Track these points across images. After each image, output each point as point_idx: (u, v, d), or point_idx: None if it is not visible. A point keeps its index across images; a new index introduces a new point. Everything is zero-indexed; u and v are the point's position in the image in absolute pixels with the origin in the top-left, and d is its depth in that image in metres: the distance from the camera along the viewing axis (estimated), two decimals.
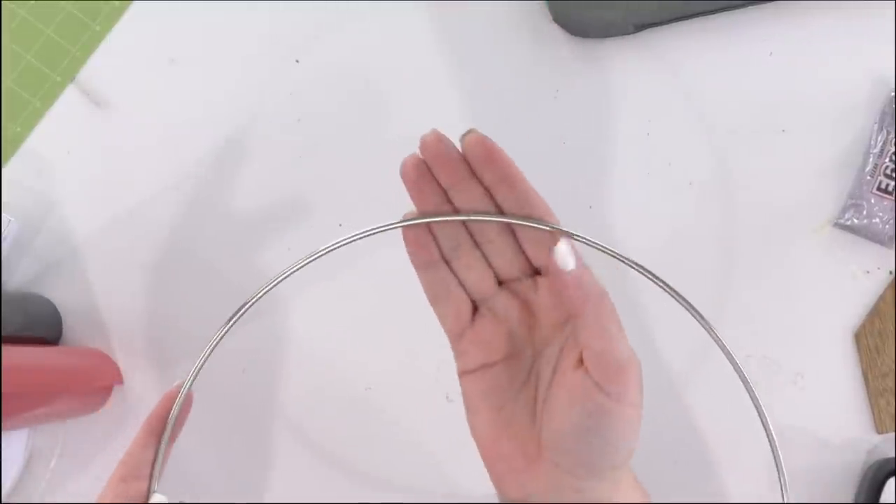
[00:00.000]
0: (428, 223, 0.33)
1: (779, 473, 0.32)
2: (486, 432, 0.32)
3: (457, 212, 0.32)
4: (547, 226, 0.31)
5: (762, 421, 0.32)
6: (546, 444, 0.30)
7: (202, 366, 0.34)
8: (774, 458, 0.32)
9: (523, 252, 0.33)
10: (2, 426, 0.41)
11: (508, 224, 0.32)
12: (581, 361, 0.29)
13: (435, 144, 0.31)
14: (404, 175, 0.33)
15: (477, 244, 0.33)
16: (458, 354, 0.34)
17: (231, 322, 0.34)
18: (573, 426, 0.29)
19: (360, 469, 0.50)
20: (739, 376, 0.31)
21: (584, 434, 0.29)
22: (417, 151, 0.32)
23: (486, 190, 0.32)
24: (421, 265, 0.34)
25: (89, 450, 0.50)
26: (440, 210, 0.32)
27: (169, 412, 0.33)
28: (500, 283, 0.33)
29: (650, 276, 0.32)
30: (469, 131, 0.31)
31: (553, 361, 0.31)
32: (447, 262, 0.33)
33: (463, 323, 0.33)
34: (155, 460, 0.33)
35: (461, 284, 0.33)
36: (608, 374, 0.28)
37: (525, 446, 0.32)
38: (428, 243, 0.33)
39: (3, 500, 0.49)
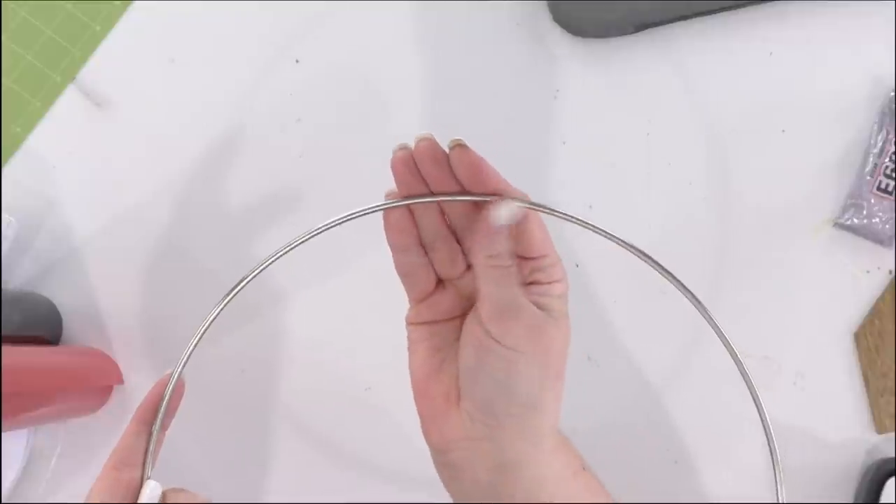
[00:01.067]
0: (409, 205, 0.34)
1: (774, 470, 0.32)
2: (419, 372, 0.35)
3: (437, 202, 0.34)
4: (520, 201, 0.33)
5: (760, 414, 0.32)
6: (466, 392, 0.33)
7: (191, 353, 0.35)
8: (771, 454, 0.32)
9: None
10: (2, 426, 0.41)
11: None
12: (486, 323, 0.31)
13: (428, 152, 0.33)
14: (393, 166, 0.34)
15: (457, 240, 0.34)
16: (412, 307, 0.36)
17: (224, 303, 0.36)
18: (466, 365, 0.32)
19: (360, 469, 0.50)
20: (738, 368, 0.31)
21: (475, 373, 0.32)
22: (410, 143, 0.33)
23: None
24: (397, 248, 0.35)
25: (89, 450, 0.50)
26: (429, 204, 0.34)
27: (160, 400, 0.33)
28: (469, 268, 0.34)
29: (642, 256, 0.34)
30: (456, 144, 0.32)
31: (466, 330, 0.34)
32: (423, 249, 0.34)
33: (424, 294, 0.35)
34: (147, 448, 0.33)
35: (431, 266, 0.35)
36: (490, 316, 0.31)
37: (449, 390, 0.34)
38: (408, 228, 0.34)
39: (3, 500, 0.49)
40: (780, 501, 0.32)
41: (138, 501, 0.32)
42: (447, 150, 0.32)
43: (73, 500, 0.50)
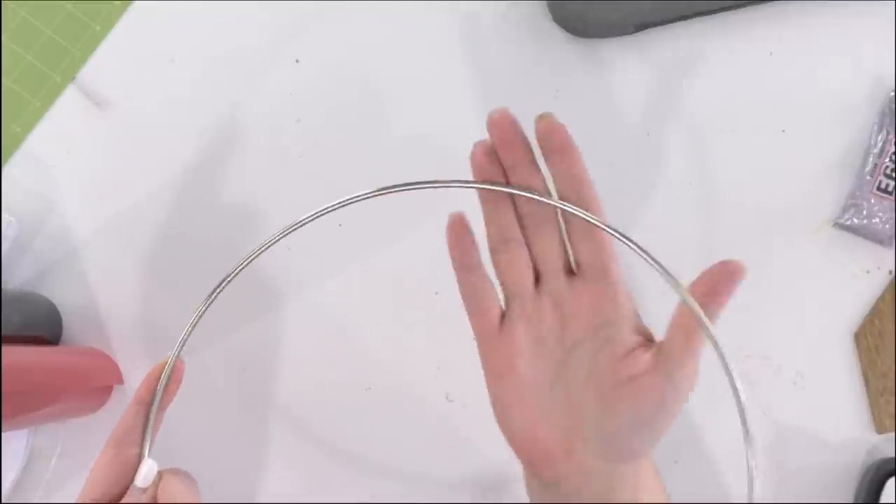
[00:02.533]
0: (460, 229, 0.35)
1: (747, 464, 0.34)
2: (519, 426, 0.35)
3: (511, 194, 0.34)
4: (545, 199, 0.34)
5: (738, 405, 0.33)
6: (591, 434, 0.32)
7: (188, 335, 0.36)
8: (745, 445, 0.34)
9: (566, 249, 0.35)
10: (2, 426, 0.41)
11: (557, 215, 0.35)
12: (630, 364, 0.32)
13: (503, 124, 0.34)
14: (474, 160, 0.35)
15: (526, 236, 0.35)
16: (484, 357, 0.36)
17: (217, 291, 0.37)
18: (633, 419, 0.32)
19: (360, 469, 0.50)
20: (716, 351, 0.32)
21: (639, 426, 0.32)
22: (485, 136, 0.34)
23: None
24: (460, 267, 0.36)
25: (89, 450, 0.50)
26: (500, 197, 0.35)
27: (157, 381, 0.34)
28: (537, 279, 0.35)
29: (628, 242, 0.34)
30: (543, 115, 0.34)
31: (587, 361, 0.33)
32: (492, 253, 0.35)
33: (490, 328, 0.35)
34: (146, 427, 0.34)
35: (498, 283, 0.35)
36: (691, 381, 0.32)
37: (559, 436, 0.33)
38: (469, 246, 0.35)
39: (3, 500, 0.49)
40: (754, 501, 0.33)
41: (135, 479, 0.33)
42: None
43: (73, 500, 0.50)
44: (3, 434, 0.47)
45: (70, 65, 0.52)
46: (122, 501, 0.33)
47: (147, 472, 0.33)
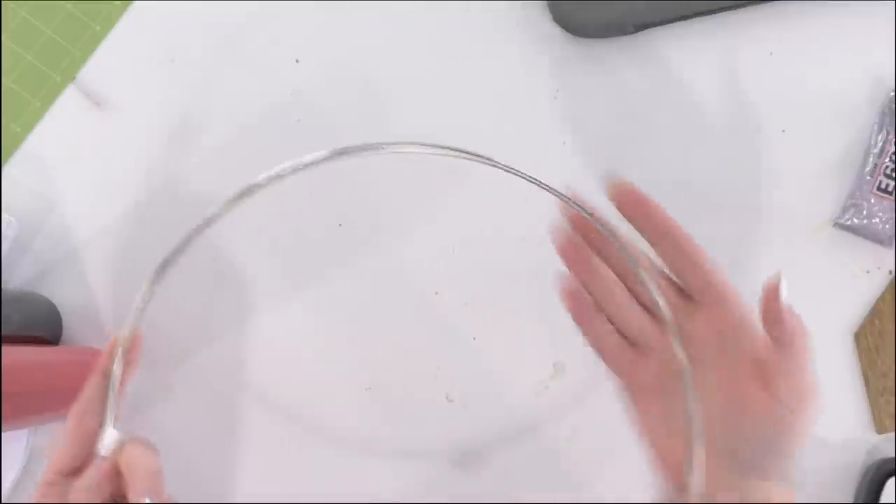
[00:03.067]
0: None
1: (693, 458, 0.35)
2: (658, 442, 0.37)
3: (609, 272, 0.38)
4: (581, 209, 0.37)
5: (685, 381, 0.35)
6: (721, 448, 0.34)
7: (145, 304, 0.38)
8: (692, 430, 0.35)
9: (673, 283, 0.38)
10: (2, 426, 0.41)
11: (649, 258, 0.38)
12: (753, 381, 0.34)
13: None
14: (561, 251, 0.39)
15: (629, 287, 0.38)
16: (623, 387, 0.39)
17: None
18: (753, 438, 0.34)
19: (360, 469, 0.50)
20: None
21: (760, 444, 0.34)
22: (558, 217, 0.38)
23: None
24: (582, 322, 0.39)
25: None
26: (593, 266, 0.38)
27: (114, 351, 0.35)
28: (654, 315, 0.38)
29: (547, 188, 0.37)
30: (613, 181, 0.38)
31: (716, 380, 0.36)
32: (601, 308, 0.38)
33: (624, 364, 0.38)
34: (106, 398, 0.35)
35: (618, 329, 0.38)
36: (800, 397, 0.34)
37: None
38: (582, 297, 0.38)
39: (3, 501, 0.49)
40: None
41: (98, 447, 0.33)
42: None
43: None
44: (3, 434, 0.47)
45: (70, 65, 0.52)
46: (86, 471, 0.33)
47: (108, 440, 0.34)
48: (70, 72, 0.52)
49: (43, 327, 0.49)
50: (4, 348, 0.42)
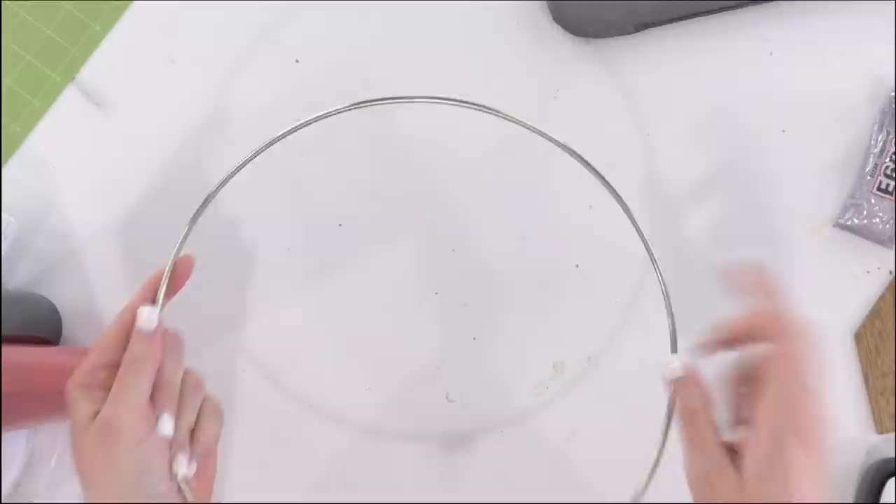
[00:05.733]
0: None
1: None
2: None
3: None
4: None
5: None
6: None
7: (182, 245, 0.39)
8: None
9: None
10: (2, 426, 0.41)
11: None
12: None
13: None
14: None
15: None
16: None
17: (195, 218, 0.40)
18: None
19: (360, 469, 0.50)
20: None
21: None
22: None
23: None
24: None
25: None
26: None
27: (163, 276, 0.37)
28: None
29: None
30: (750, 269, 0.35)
31: None
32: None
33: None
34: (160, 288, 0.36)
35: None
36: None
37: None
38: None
39: (3, 500, 0.49)
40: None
41: (137, 323, 0.35)
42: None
43: (73, 500, 0.50)
44: (3, 434, 0.47)
45: (70, 65, 0.52)
46: (130, 345, 0.34)
47: (148, 315, 0.34)
48: (70, 72, 0.52)
49: (43, 327, 0.49)
50: (4, 348, 0.42)
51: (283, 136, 0.40)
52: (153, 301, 0.36)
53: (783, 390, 0.32)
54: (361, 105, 0.39)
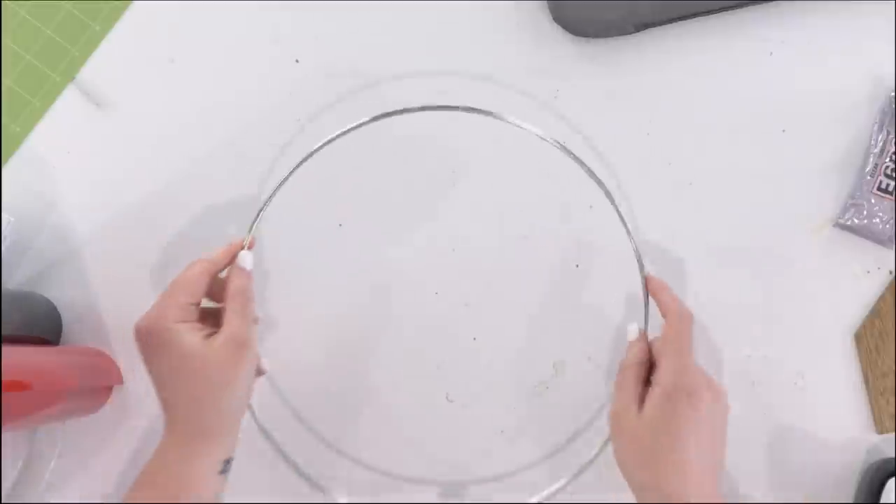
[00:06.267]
0: None
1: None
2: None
3: None
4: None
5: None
6: None
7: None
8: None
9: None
10: (2, 426, 0.41)
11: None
12: None
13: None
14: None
15: None
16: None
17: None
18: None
19: (360, 469, 0.50)
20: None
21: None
22: None
23: None
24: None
25: (89, 450, 0.51)
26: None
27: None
28: None
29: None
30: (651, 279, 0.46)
31: None
32: None
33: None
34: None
35: None
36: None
37: None
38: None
39: (3, 500, 0.49)
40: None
41: (237, 261, 0.43)
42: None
43: (73, 500, 0.50)
44: (3, 434, 0.47)
45: (70, 65, 0.52)
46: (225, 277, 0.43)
47: (248, 257, 0.43)
48: (70, 72, 0.52)
49: (43, 327, 0.49)
50: (4, 348, 0.42)
51: (321, 147, 0.47)
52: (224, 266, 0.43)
53: (671, 359, 0.41)
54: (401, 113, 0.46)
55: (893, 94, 0.49)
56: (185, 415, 0.40)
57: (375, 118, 0.47)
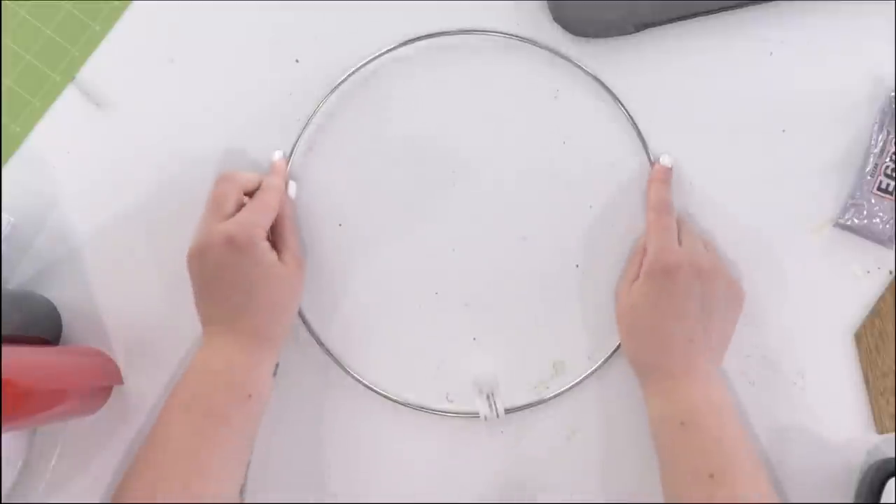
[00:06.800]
0: None
1: None
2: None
3: None
4: None
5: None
6: None
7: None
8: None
9: None
10: (2, 426, 0.41)
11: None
12: None
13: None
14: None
15: None
16: None
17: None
18: None
19: (361, 469, 0.50)
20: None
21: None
22: None
23: None
24: None
25: (89, 450, 0.51)
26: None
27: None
28: None
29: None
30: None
31: None
32: None
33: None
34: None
35: None
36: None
37: None
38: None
39: (3, 500, 0.49)
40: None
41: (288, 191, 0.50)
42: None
43: (73, 500, 0.50)
44: (3, 434, 0.47)
45: (70, 65, 0.52)
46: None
47: (295, 189, 0.50)
48: (70, 72, 0.52)
49: (43, 327, 0.49)
50: (4, 348, 0.42)
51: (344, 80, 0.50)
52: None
53: (652, 242, 0.46)
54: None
55: (893, 94, 0.49)
56: (259, 322, 0.44)
57: (407, 42, 0.50)
